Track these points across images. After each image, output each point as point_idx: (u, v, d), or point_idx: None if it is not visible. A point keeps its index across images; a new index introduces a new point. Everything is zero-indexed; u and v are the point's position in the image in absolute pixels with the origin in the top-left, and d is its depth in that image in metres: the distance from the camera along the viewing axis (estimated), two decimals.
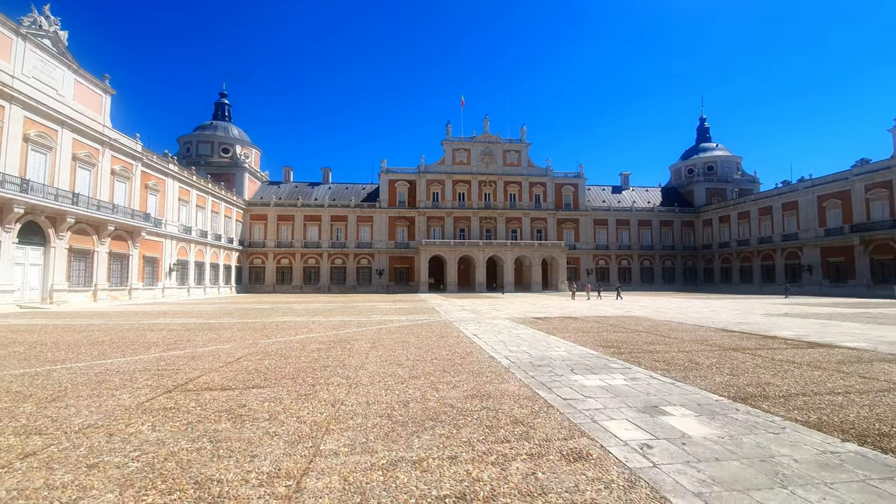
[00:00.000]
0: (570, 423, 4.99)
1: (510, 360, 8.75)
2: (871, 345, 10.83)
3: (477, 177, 63.50)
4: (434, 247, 57.13)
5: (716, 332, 13.72)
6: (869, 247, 42.96)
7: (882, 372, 7.72)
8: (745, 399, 6.01)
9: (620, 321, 17.33)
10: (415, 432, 4.67)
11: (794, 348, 10.41)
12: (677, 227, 67.99)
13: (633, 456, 4.06)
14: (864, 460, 4.00)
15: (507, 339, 12.01)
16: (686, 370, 7.88)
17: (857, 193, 44.65)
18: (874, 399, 5.99)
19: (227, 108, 72.00)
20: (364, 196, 66.34)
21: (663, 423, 5.01)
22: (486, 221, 63.16)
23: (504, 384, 6.82)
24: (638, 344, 11.10)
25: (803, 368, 8.05)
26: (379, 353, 9.64)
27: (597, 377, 7.26)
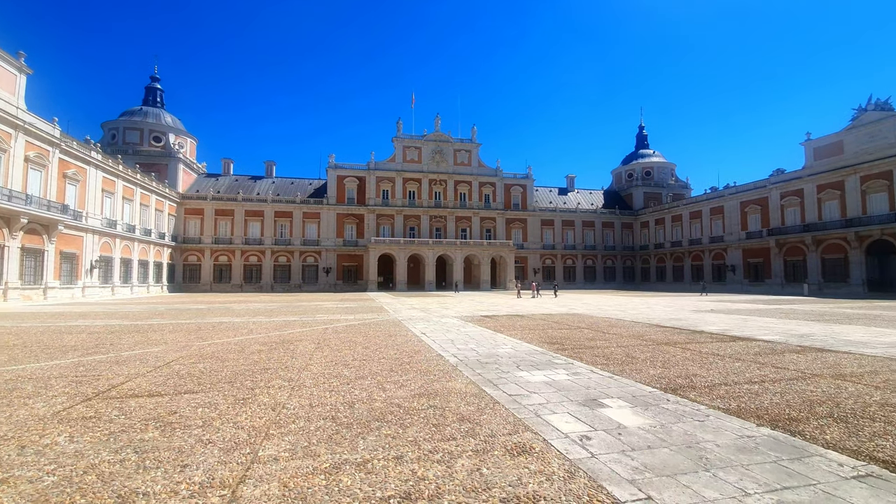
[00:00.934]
0: (514, 418, 5.10)
1: (458, 358, 8.81)
2: (783, 338, 11.94)
3: (428, 175, 63.48)
4: (384, 245, 56.51)
5: (651, 327, 14.57)
6: (783, 249, 47.42)
7: (791, 362, 8.52)
8: (675, 390, 6.42)
9: (565, 319, 17.97)
10: (360, 434, 4.58)
11: (719, 342, 11.26)
12: (618, 228, 71.63)
13: (574, 448, 4.21)
14: (776, 443, 4.39)
15: (456, 337, 12.10)
16: (623, 364, 8.30)
17: (774, 200, 49.14)
18: (785, 387, 6.59)
19: (160, 94, 67.17)
20: (311, 192, 64.37)
21: (602, 415, 5.24)
22: (436, 220, 63.32)
23: (451, 382, 6.85)
24: (580, 340, 11.56)
25: (726, 360, 8.72)
26: (324, 354, 9.37)
27: (541, 373, 7.47)
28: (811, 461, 3.94)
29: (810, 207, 45.19)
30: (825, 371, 7.68)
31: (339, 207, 60.49)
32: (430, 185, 63.75)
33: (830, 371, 7.68)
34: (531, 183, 68.25)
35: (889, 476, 3.64)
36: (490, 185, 66.03)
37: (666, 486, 3.44)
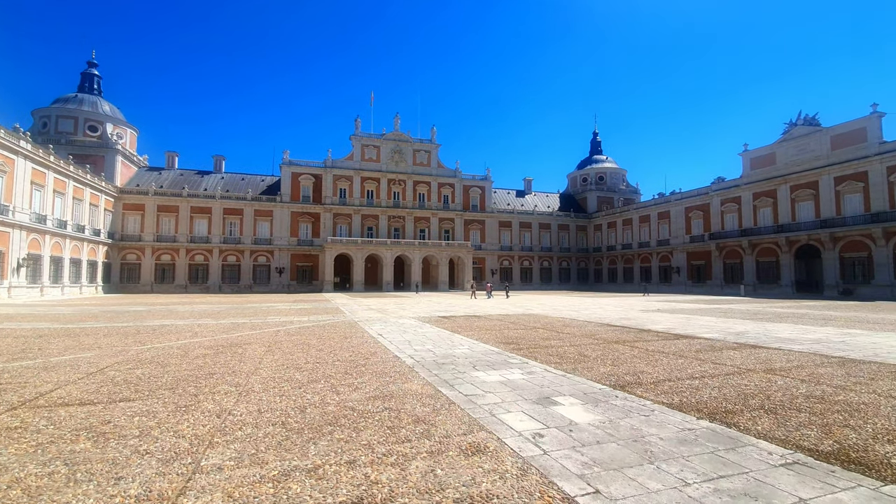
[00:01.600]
0: (470, 418, 5.12)
1: (415, 360, 8.76)
2: (722, 335, 12.73)
3: (386, 175, 62.86)
4: (340, 245, 55.37)
5: (602, 327, 15.11)
6: (722, 252, 50.63)
7: (728, 358, 9.08)
8: (624, 386, 6.67)
9: (521, 319, 18.31)
10: (311, 439, 4.44)
11: (664, 340, 11.84)
12: (573, 231, 73.94)
13: (527, 445, 4.28)
14: (714, 434, 4.65)
15: (413, 338, 12.04)
16: (576, 363, 8.54)
17: (715, 207, 52.39)
18: (722, 381, 7.01)
19: (97, 80, 62.61)
20: (263, 188, 62.01)
21: (554, 412, 5.36)
22: (394, 220, 62.82)
23: (407, 383, 6.79)
24: (535, 340, 11.81)
25: (670, 357, 9.18)
26: (275, 357, 9.05)
27: (497, 373, 7.56)
28: (744, 451, 4.21)
29: (747, 214, 48.52)
30: (758, 366, 8.23)
31: (293, 205, 58.70)
32: (389, 184, 63.17)
33: (762, 366, 8.25)
34: (490, 185, 69.15)
35: (813, 463, 3.94)
36: (449, 186, 66.31)
37: (613, 480, 3.56)
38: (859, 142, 39.42)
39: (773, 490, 3.41)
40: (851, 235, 38.64)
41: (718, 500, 3.25)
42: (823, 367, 8.10)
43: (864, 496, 3.33)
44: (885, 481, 3.57)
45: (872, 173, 38.00)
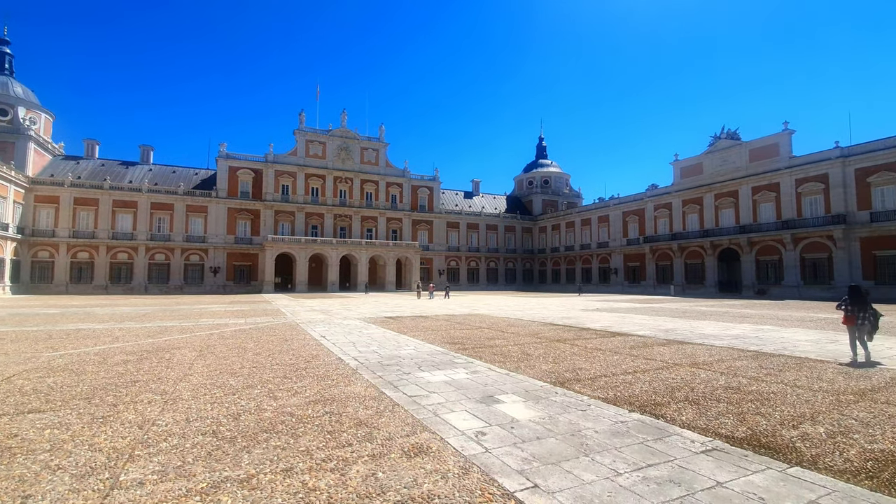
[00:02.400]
0: (413, 419, 5.08)
1: (359, 362, 8.59)
2: (653, 333, 13.55)
3: (332, 172, 61.20)
4: (282, 244, 53.22)
5: (545, 326, 15.60)
6: (655, 254, 54.00)
7: (658, 354, 9.68)
8: (563, 383, 6.91)
9: (467, 319, 18.51)
10: (245, 448, 4.22)
11: (601, 337, 12.42)
12: (519, 232, 75.88)
13: (469, 444, 4.31)
14: (644, 426, 4.92)
15: (358, 339, 11.80)
16: (519, 361, 8.75)
17: (649, 212, 55.79)
18: (653, 376, 7.45)
19: (9, 59, 56.22)
20: (197, 182, 58.20)
21: (497, 410, 5.45)
22: (340, 219, 61.33)
23: (350, 386, 6.64)
24: (481, 340, 11.97)
25: (606, 354, 9.63)
26: (207, 363, 8.53)
27: (442, 373, 7.57)
28: (670, 440, 4.48)
29: (677, 219, 52.08)
30: (684, 361, 8.84)
31: (230, 201, 55.62)
32: (335, 182, 61.57)
33: (688, 360, 8.86)
34: (438, 185, 69.41)
35: (729, 449, 4.26)
36: (397, 185, 65.80)
37: (551, 473, 3.67)
38: (773, 156, 43.51)
39: (695, 475, 3.66)
40: (765, 240, 42.56)
41: (646, 488, 3.44)
42: (740, 361, 8.83)
43: (773, 477, 3.65)
44: (791, 463, 3.94)
45: (783, 184, 42.09)
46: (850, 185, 37.56)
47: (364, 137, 64.20)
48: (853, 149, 37.81)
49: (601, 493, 3.36)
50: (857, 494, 3.35)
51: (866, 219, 36.34)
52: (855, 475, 3.69)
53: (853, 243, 36.84)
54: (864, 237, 36.34)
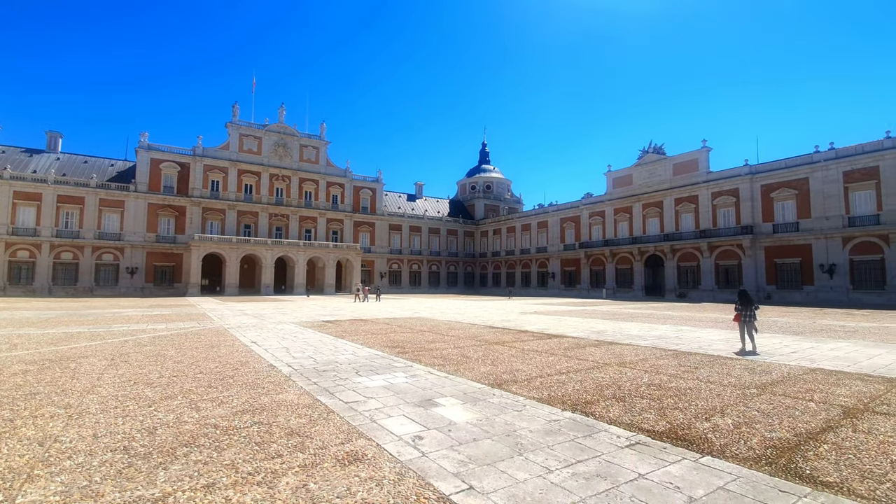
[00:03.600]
0: (349, 426, 4.94)
1: (292, 368, 8.23)
2: (586, 334, 14.21)
3: (269, 169, 58.42)
4: (211, 243, 49.82)
5: (485, 329, 15.86)
6: (589, 259, 56.88)
7: (590, 354, 10.15)
8: (501, 385, 7.04)
9: (408, 322, 18.39)
10: (161, 464, 3.88)
11: (538, 339, 12.83)
12: (461, 236, 76.81)
13: (406, 449, 4.25)
14: (575, 423, 5.12)
15: (292, 345, 11.32)
16: (458, 364, 8.80)
17: (584, 219, 58.71)
18: (584, 375, 7.79)
19: None
20: (113, 175, 53.08)
21: (435, 414, 5.43)
22: (276, 219, 58.69)
23: (282, 394, 6.33)
24: (421, 343, 11.92)
25: (542, 355, 9.95)
26: (120, 372, 7.79)
27: (381, 377, 7.44)
28: (598, 436, 4.70)
29: (609, 226, 55.23)
30: (613, 360, 9.33)
31: (152, 196, 51.31)
32: (272, 180, 58.82)
33: (616, 360, 9.37)
34: (381, 187, 68.62)
35: (650, 442, 4.54)
36: (339, 185, 64.20)
37: (486, 474, 3.71)
38: (693, 170, 47.48)
39: (619, 469, 3.85)
40: (686, 248, 46.25)
41: (575, 484, 3.57)
42: (662, 360, 9.48)
43: (687, 467, 3.92)
44: (703, 453, 4.26)
45: (701, 197, 46.02)
46: (757, 199, 41.85)
47: (304, 134, 62.06)
48: (759, 167, 42.19)
49: (533, 490, 3.44)
50: (758, 479, 3.69)
51: (769, 230, 40.65)
52: (756, 462, 4.06)
53: (759, 252, 41.02)
54: (767, 246, 40.59)
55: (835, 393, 6.60)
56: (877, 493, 3.46)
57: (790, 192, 39.72)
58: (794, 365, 8.85)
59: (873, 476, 3.75)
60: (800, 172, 39.17)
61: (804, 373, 8.09)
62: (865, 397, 6.35)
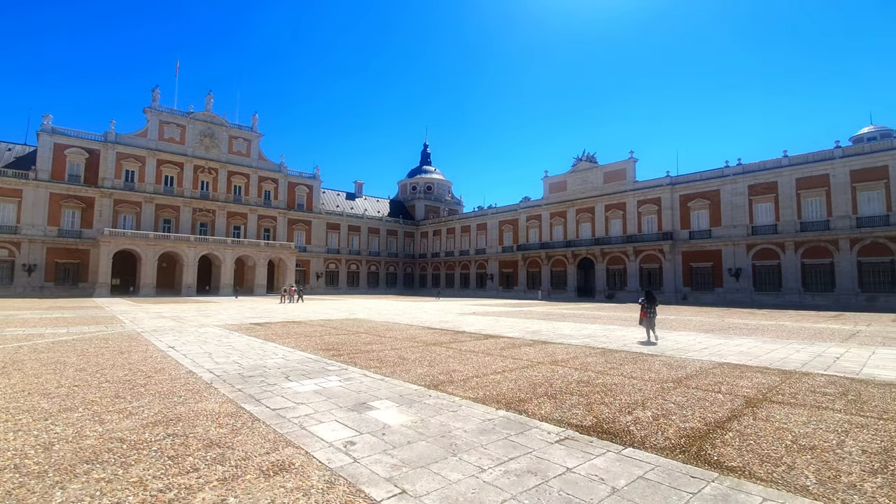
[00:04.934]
0: (276, 434, 4.67)
1: (214, 374, 7.68)
2: (522, 334, 14.60)
3: (193, 160, 54.25)
4: (124, 239, 45.29)
5: (423, 330, 15.81)
6: (527, 261, 58.73)
7: (525, 354, 10.43)
8: (437, 385, 7.02)
9: (344, 324, 17.91)
10: (58, 483, 3.43)
11: (476, 340, 12.99)
12: (401, 236, 76.23)
13: (337, 456, 4.09)
14: (508, 422, 5.20)
15: (215, 349, 10.59)
16: (395, 365, 8.68)
17: (522, 222, 60.56)
18: (519, 374, 7.98)
19: None
20: (10, 160, 46.74)
21: (369, 417, 5.29)
22: (201, 214, 54.57)
23: (202, 403, 5.87)
24: (357, 345, 11.64)
25: (479, 355, 10.08)
26: (12, 382, 6.86)
27: (312, 382, 7.14)
28: (530, 433, 4.81)
29: (546, 230, 57.41)
30: (546, 359, 9.65)
31: (55, 185, 45.75)
32: (196, 172, 54.63)
33: (549, 359, 9.70)
34: (318, 184, 66.31)
35: (578, 437, 4.71)
36: (272, 181, 61.16)
37: (419, 477, 3.65)
38: (621, 179, 50.64)
39: (549, 464, 3.96)
40: (614, 251, 49.19)
41: (507, 481, 3.61)
42: (591, 357, 9.95)
43: (611, 459, 4.11)
44: (626, 445, 4.49)
45: (629, 204, 49.20)
46: (676, 207, 45.48)
47: (234, 125, 58.47)
48: (678, 178, 45.88)
49: (466, 490, 3.43)
50: (673, 467, 3.94)
51: (686, 236, 44.34)
52: (672, 451, 4.34)
53: (677, 256, 44.58)
54: (685, 251, 44.22)
55: (739, 385, 7.26)
56: (773, 474, 3.83)
57: (704, 203, 43.59)
58: (706, 360, 9.66)
59: (770, 459, 4.14)
60: (713, 185, 43.16)
61: (714, 367, 8.85)
62: (764, 388, 7.05)
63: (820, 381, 7.63)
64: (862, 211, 35.16)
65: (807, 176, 37.98)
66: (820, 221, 36.86)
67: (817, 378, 7.85)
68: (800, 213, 38.02)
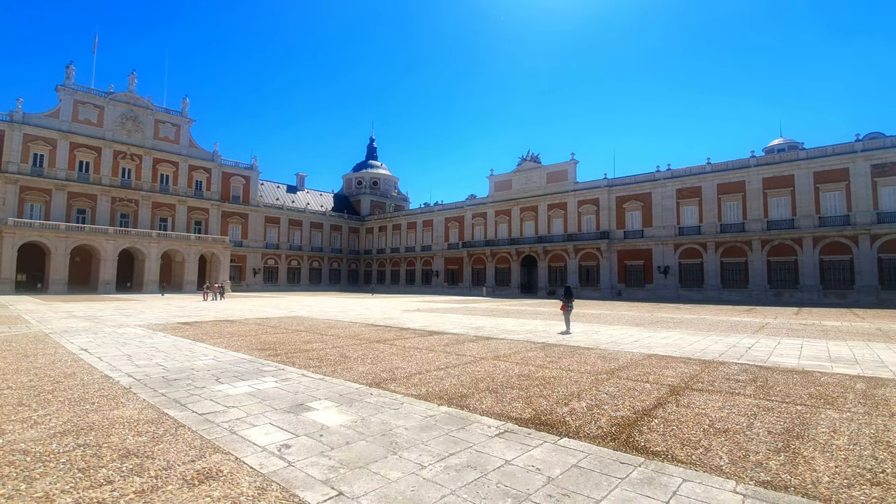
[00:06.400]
0: (202, 440, 4.37)
1: (134, 378, 7.08)
2: (465, 330, 14.76)
3: (113, 145, 49.68)
4: (30, 230, 40.70)
5: (366, 327, 15.54)
6: (472, 259, 59.53)
7: (468, 349, 10.54)
8: (379, 383, 6.91)
9: (283, 322, 17.22)
10: None
11: (420, 336, 12.96)
12: (346, 232, 74.48)
13: (270, 460, 3.89)
14: (450, 417, 5.21)
15: (136, 351, 9.77)
16: (336, 364, 8.44)
17: (468, 219, 61.25)
18: (462, 370, 8.04)
19: None
20: None
21: (306, 419, 5.09)
22: (122, 204, 50.01)
23: (118, 409, 5.39)
24: (296, 344, 11.21)
25: (423, 352, 10.06)
26: None
27: (246, 383, 6.78)
28: (471, 428, 4.85)
29: (491, 227, 58.46)
30: (488, 354, 9.81)
31: None
32: (116, 158, 50.05)
33: (492, 354, 9.87)
34: (256, 175, 63.09)
35: (517, 429, 4.82)
36: (204, 170, 57.32)
37: (357, 478, 3.55)
38: (563, 180, 52.62)
39: (489, 458, 4.01)
40: (556, 249, 51.07)
41: (447, 477, 3.61)
42: (531, 352, 10.24)
43: (548, 449, 4.24)
44: (562, 435, 4.65)
45: (569, 204, 51.24)
46: (613, 208, 47.98)
47: (160, 108, 54.23)
48: (615, 181, 48.41)
49: (405, 489, 3.38)
50: (605, 455, 4.13)
51: (622, 236, 46.93)
52: (604, 439, 4.55)
53: (613, 254, 47.07)
54: (620, 250, 46.78)
55: (664, 374, 7.77)
56: (692, 457, 4.11)
57: (638, 204, 46.35)
58: (636, 352, 10.26)
59: (690, 443, 4.46)
60: (645, 188, 45.99)
61: (643, 359, 9.42)
62: (686, 377, 7.59)
63: (734, 369, 8.34)
64: (772, 215, 38.99)
65: (726, 182, 41.51)
66: (737, 224, 40.43)
67: (732, 367, 8.58)
68: (720, 216, 41.47)
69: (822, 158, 37.13)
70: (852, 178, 35.75)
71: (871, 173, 35.09)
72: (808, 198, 37.44)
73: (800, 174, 38.00)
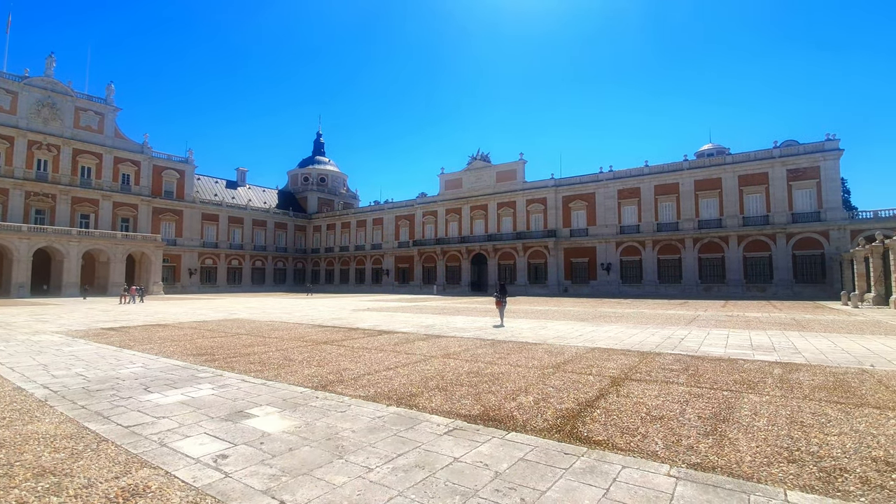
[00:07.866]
0: (128, 455, 4.02)
1: (51, 390, 6.42)
2: (416, 329, 14.67)
3: (26, 134, 45.20)
4: None
5: (313, 328, 15.06)
6: (422, 257, 59.42)
7: (418, 349, 10.48)
8: (326, 386, 6.70)
9: (222, 325, 16.35)
10: None
11: (369, 336, 12.73)
12: (291, 229, 71.89)
13: (204, 473, 3.65)
14: (398, 418, 5.14)
15: (53, 360, 8.89)
16: (279, 368, 8.10)
17: (418, 217, 61.08)
18: (412, 370, 7.97)
19: None
20: None
21: (246, 426, 4.84)
22: (37, 199, 45.63)
23: (32, 424, 4.86)
24: (236, 347, 10.66)
25: (372, 352, 9.88)
26: None
27: (179, 392, 6.34)
28: (420, 427, 4.80)
29: (441, 226, 58.65)
30: (439, 353, 9.80)
31: None
32: (31, 148, 45.59)
33: (442, 352, 9.87)
34: (192, 169, 59.24)
35: (466, 426, 4.83)
36: (133, 163, 53.14)
37: (300, 485, 3.41)
38: (512, 179, 53.76)
39: (437, 456, 3.98)
40: (505, 248, 52.10)
41: (394, 478, 3.54)
42: (481, 349, 10.35)
43: (496, 444, 4.28)
44: (509, 430, 4.71)
45: (518, 203, 52.43)
46: (560, 207, 49.67)
47: (82, 95, 49.85)
48: (561, 181, 50.13)
49: (351, 493, 3.29)
50: (550, 447, 4.23)
51: (568, 234, 48.73)
52: (549, 431, 4.67)
53: (560, 252, 48.74)
54: (566, 248, 48.52)
55: (607, 366, 8.12)
56: (631, 444, 4.31)
57: (583, 204, 48.30)
58: (581, 346, 10.65)
59: (629, 431, 4.67)
60: (589, 188, 48.00)
61: (587, 352, 9.79)
62: (626, 368, 7.97)
63: (669, 359, 8.86)
64: (702, 215, 41.99)
65: (663, 183, 44.22)
66: (672, 223, 43.17)
67: (667, 357, 9.11)
68: (657, 216, 44.10)
69: (746, 163, 40.52)
70: (771, 182, 39.28)
71: (787, 177, 38.76)
72: (733, 199, 40.68)
73: (726, 177, 41.19)
